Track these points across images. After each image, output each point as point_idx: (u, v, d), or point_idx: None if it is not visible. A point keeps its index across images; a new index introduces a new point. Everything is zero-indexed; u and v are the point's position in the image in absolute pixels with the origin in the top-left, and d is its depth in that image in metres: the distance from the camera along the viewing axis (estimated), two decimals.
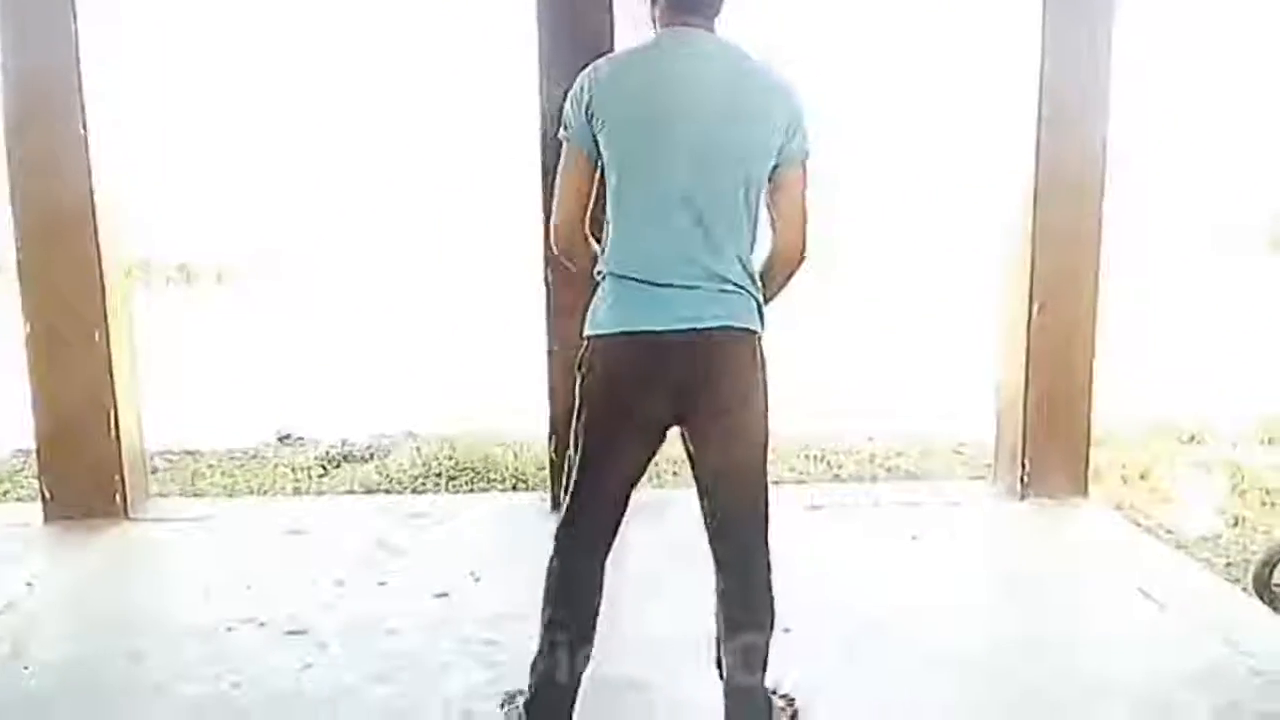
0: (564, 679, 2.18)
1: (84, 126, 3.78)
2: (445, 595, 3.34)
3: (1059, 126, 3.95)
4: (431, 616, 3.20)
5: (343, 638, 3.05)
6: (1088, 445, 4.14)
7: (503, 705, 2.53)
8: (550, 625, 2.18)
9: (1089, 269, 4.04)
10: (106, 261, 3.88)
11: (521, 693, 2.29)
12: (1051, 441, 4.10)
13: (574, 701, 2.21)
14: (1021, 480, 4.13)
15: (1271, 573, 3.61)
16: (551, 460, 4.05)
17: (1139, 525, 4.48)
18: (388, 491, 5.48)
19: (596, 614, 2.20)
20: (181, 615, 3.22)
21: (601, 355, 2.10)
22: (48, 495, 3.95)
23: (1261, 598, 3.54)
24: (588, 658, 2.20)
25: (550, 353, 3.95)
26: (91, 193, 3.82)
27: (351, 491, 5.49)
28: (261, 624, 3.13)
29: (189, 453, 6.31)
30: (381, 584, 3.47)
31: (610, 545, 2.21)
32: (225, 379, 7.91)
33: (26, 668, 2.88)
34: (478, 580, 3.44)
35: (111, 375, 3.87)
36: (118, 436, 3.91)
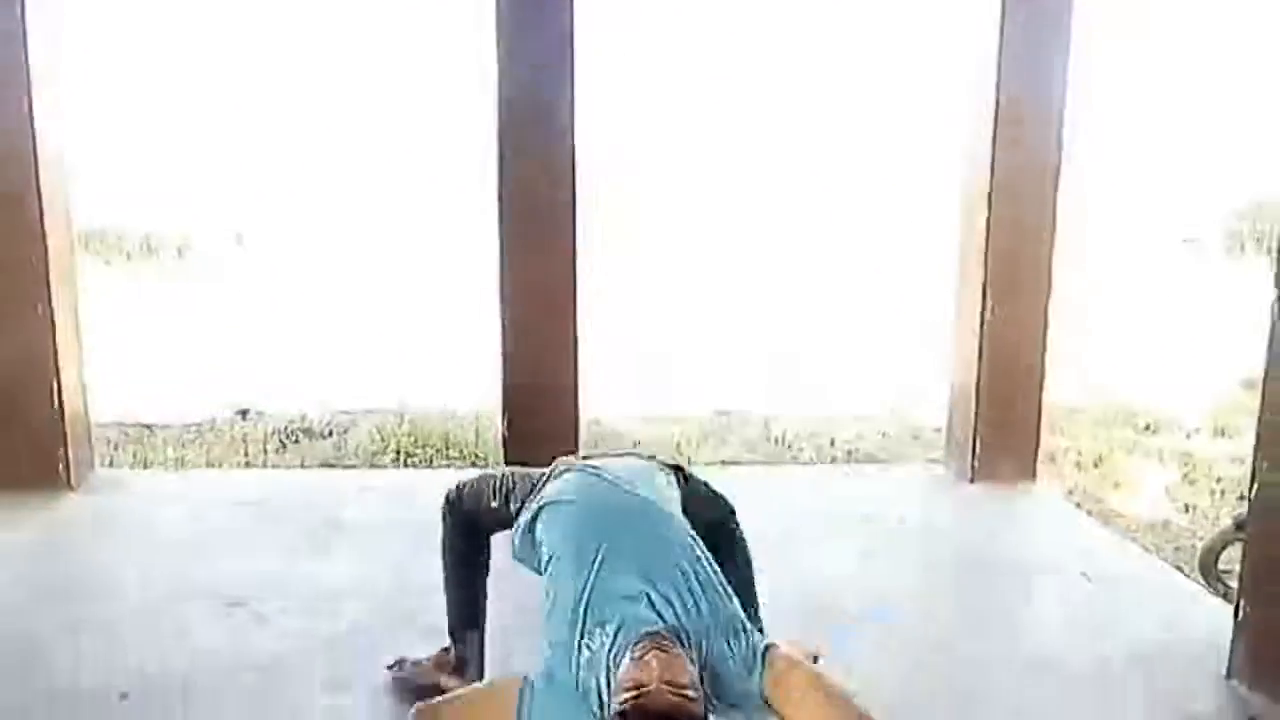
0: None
1: (29, 97, 3.71)
2: (395, 567, 3.34)
3: (1014, 122, 3.98)
4: (379, 590, 3.19)
5: (284, 611, 3.03)
6: (1038, 432, 4.19)
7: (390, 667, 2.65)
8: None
9: (1043, 261, 4.08)
10: (50, 231, 3.82)
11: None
12: (1003, 428, 4.15)
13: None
14: (972, 465, 4.18)
15: (1217, 559, 3.68)
16: (504, 435, 4.04)
17: (1088, 511, 4.55)
18: (347, 468, 5.46)
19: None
20: (123, 586, 3.20)
21: None
22: None
23: (1207, 583, 3.60)
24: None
25: (504, 324, 3.95)
26: (35, 161, 3.76)
27: (307, 467, 5.46)
28: (204, 596, 3.11)
29: (144, 426, 6.24)
30: (326, 555, 3.46)
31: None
32: (184, 353, 7.82)
33: None
34: (426, 555, 3.42)
35: (55, 345, 3.81)
36: (61, 407, 3.86)
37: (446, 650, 2.60)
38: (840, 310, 9.19)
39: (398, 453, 5.77)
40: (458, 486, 2.53)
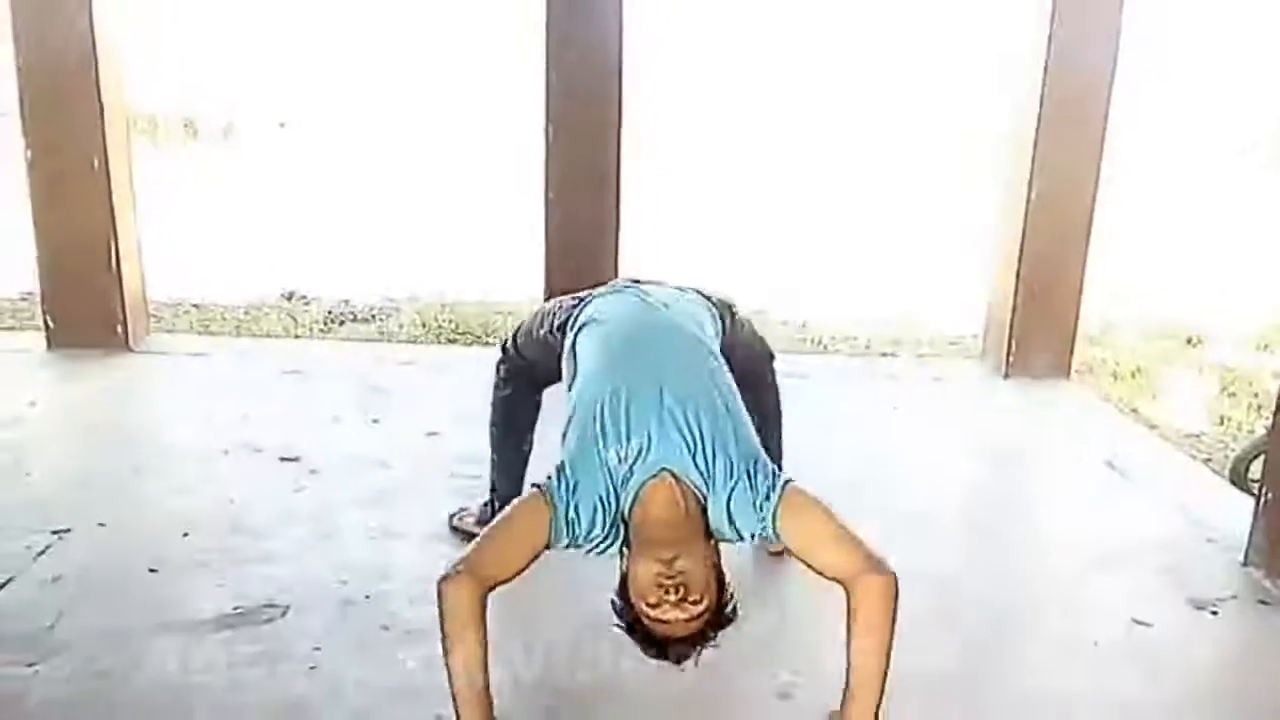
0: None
1: None
2: (435, 434, 3.47)
3: (1068, 33, 3.93)
4: (420, 452, 3.33)
5: (334, 467, 3.18)
6: (1075, 327, 4.21)
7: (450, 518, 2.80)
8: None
9: (1090, 167, 4.05)
10: (107, 99, 3.93)
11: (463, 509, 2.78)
12: (1040, 322, 4.17)
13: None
14: (1007, 359, 4.21)
15: (1249, 467, 3.71)
16: None
17: (1119, 411, 4.57)
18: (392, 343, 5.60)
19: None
20: (180, 438, 3.37)
21: None
22: (49, 324, 4.06)
23: (1237, 488, 3.64)
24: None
25: (548, 201, 4.01)
26: (92, 31, 3.86)
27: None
28: (257, 450, 3.27)
29: (195, 305, 6.41)
30: (374, 421, 3.60)
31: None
32: (232, 236, 7.95)
33: (28, 474, 3.02)
34: (467, 421, 3.55)
35: (112, 209, 3.94)
36: (118, 268, 4.01)
37: (487, 505, 2.72)
38: (883, 219, 9.10)
39: (439, 337, 5.89)
40: (513, 331, 2.57)
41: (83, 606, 2.32)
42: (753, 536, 1.94)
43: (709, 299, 2.41)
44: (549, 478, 1.94)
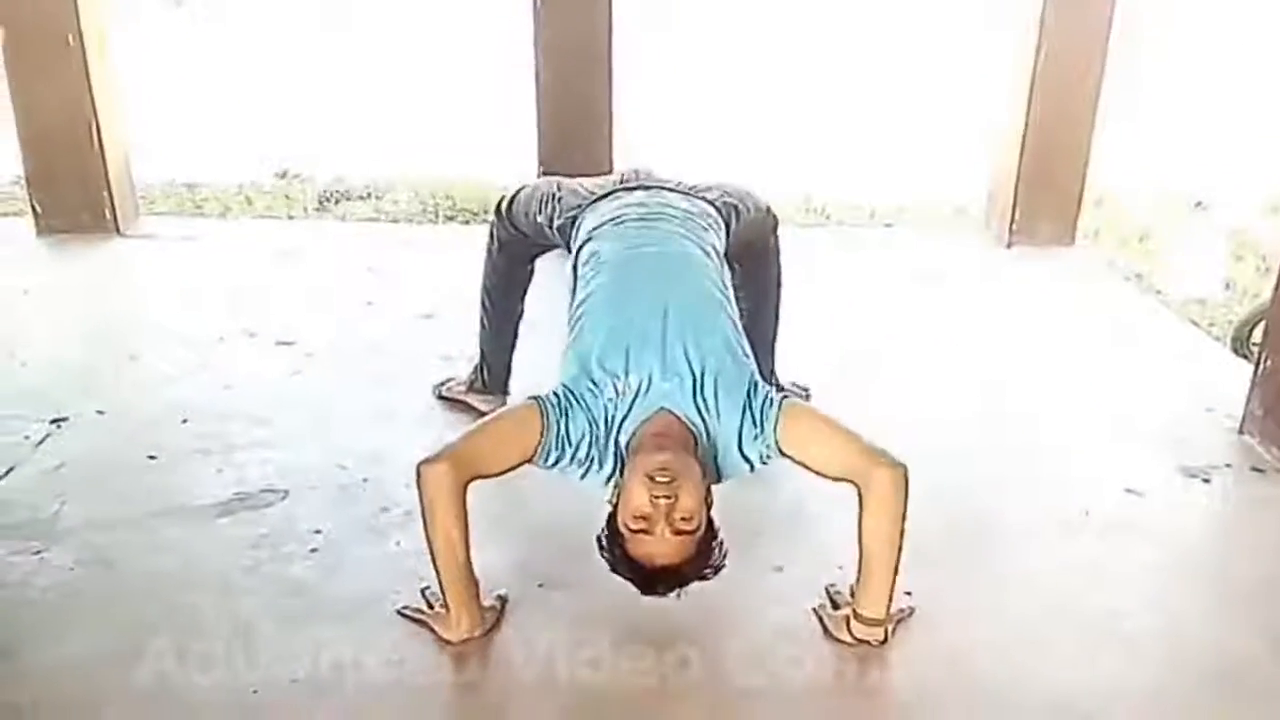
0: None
1: None
2: (430, 316, 3.45)
3: None
4: (416, 334, 3.32)
5: (330, 350, 3.18)
6: (1080, 194, 4.13)
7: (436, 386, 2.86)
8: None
9: (1101, 17, 3.89)
10: None
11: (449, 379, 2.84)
12: (1045, 189, 4.09)
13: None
14: (1011, 227, 4.15)
15: (1251, 332, 3.68)
16: None
17: (1124, 277, 4.52)
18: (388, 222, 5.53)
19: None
20: (174, 324, 3.35)
21: None
22: (37, 209, 4.00)
23: (1238, 354, 3.63)
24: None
25: (538, 78, 3.89)
26: None
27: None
28: (252, 334, 3.26)
29: (186, 186, 6.30)
30: (370, 304, 3.57)
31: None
32: (222, 111, 7.77)
33: (23, 364, 3.02)
34: (462, 301, 3.52)
35: (90, 87, 3.82)
36: (102, 150, 3.92)
37: (475, 371, 2.75)
38: (887, 86, 8.84)
39: (436, 215, 5.81)
40: (509, 197, 2.51)
41: (84, 494, 2.35)
42: (760, 460, 1.95)
43: (714, 202, 2.34)
44: (548, 394, 1.94)
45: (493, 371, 2.72)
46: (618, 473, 1.90)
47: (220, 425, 2.67)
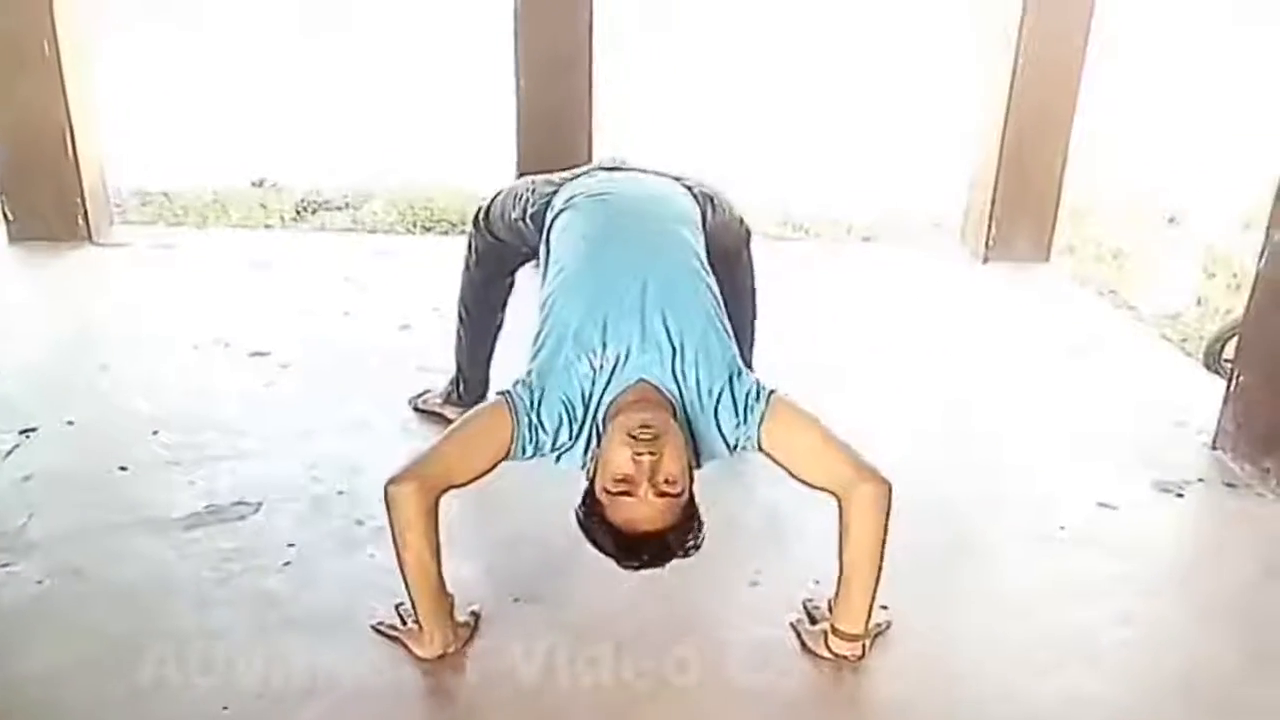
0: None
1: None
2: (407, 327, 3.44)
3: None
4: (392, 345, 3.30)
5: (306, 361, 3.15)
6: (1056, 210, 4.18)
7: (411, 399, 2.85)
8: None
9: (1079, 32, 3.94)
10: None
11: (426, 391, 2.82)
12: (1021, 204, 4.14)
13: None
14: (987, 243, 4.18)
15: (1223, 348, 3.73)
16: None
17: (1098, 293, 4.57)
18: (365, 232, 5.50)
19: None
20: (147, 333, 3.32)
21: None
22: (9, 217, 3.96)
23: (1211, 370, 3.67)
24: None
25: (518, 87, 3.89)
26: None
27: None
28: (226, 345, 3.23)
29: (162, 194, 6.26)
30: (346, 314, 3.55)
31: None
32: (198, 120, 7.72)
33: None
34: (439, 313, 3.51)
35: (65, 96, 3.79)
36: (76, 158, 3.88)
37: (451, 384, 2.74)
38: (863, 101, 8.91)
39: (414, 225, 5.79)
40: (486, 204, 2.47)
41: (54, 506, 2.31)
42: (737, 445, 1.89)
43: (690, 188, 2.30)
44: (514, 386, 1.88)
45: (469, 384, 2.71)
46: (594, 448, 1.84)
47: (192, 436, 2.64)
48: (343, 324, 3.47)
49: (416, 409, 2.81)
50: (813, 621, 1.98)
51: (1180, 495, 2.60)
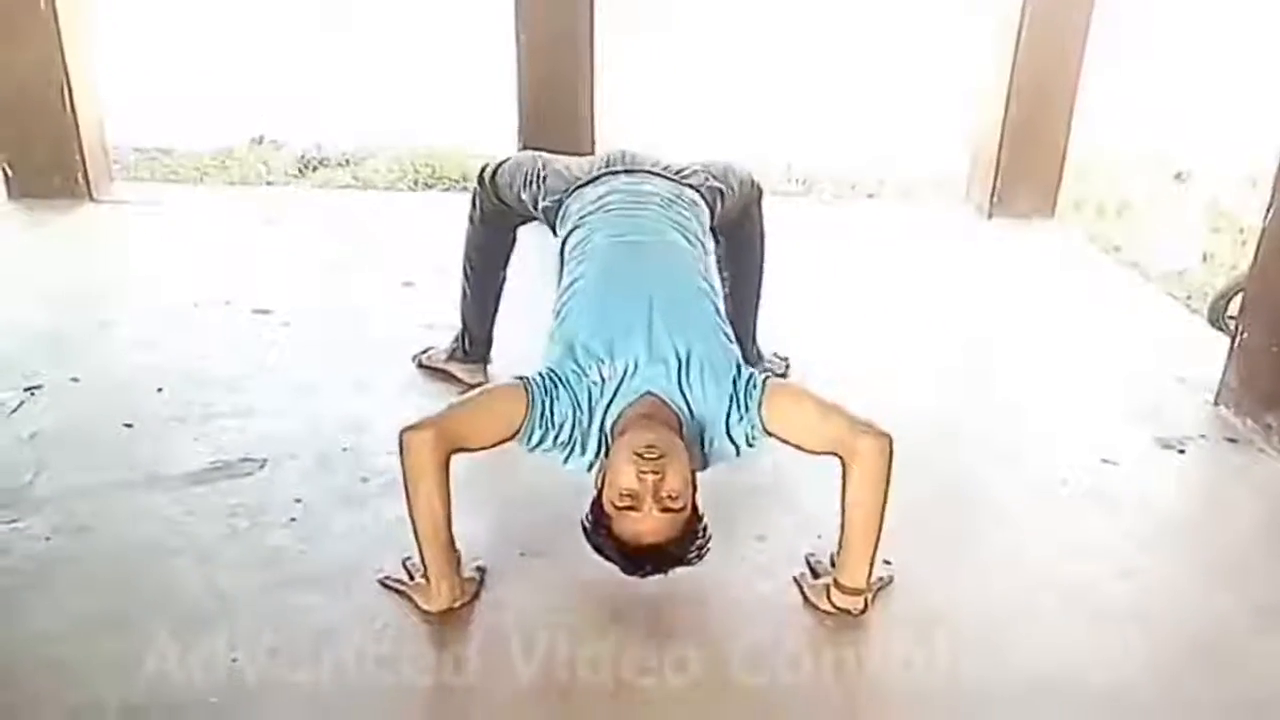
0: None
1: None
2: (410, 284, 3.42)
3: None
4: (395, 302, 3.29)
5: (308, 318, 3.15)
6: (1062, 166, 4.14)
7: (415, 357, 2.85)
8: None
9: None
10: None
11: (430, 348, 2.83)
12: (1026, 160, 4.11)
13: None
14: (991, 199, 4.16)
15: (1227, 304, 3.71)
16: None
17: (1103, 250, 4.54)
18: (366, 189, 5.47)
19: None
20: (148, 291, 3.31)
21: None
22: (7, 173, 3.94)
23: (1215, 326, 3.66)
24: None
25: (519, 40, 3.85)
26: None
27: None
28: (228, 303, 3.23)
29: (162, 150, 6.21)
30: (347, 271, 3.54)
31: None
32: (198, 75, 7.64)
33: None
34: (442, 270, 3.49)
35: (62, 50, 3.75)
36: (74, 114, 3.85)
37: (457, 340, 2.74)
38: (867, 55, 8.80)
39: (416, 183, 5.76)
40: (493, 167, 2.50)
41: (59, 463, 2.32)
42: (747, 442, 1.96)
43: (699, 188, 2.35)
44: (533, 376, 1.95)
45: (474, 340, 2.71)
46: (602, 456, 1.91)
47: (196, 394, 2.65)
48: (345, 281, 3.46)
49: (421, 365, 2.82)
50: (815, 576, 2.00)
51: (1182, 451, 2.60)
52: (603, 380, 1.94)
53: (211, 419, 2.53)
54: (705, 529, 1.86)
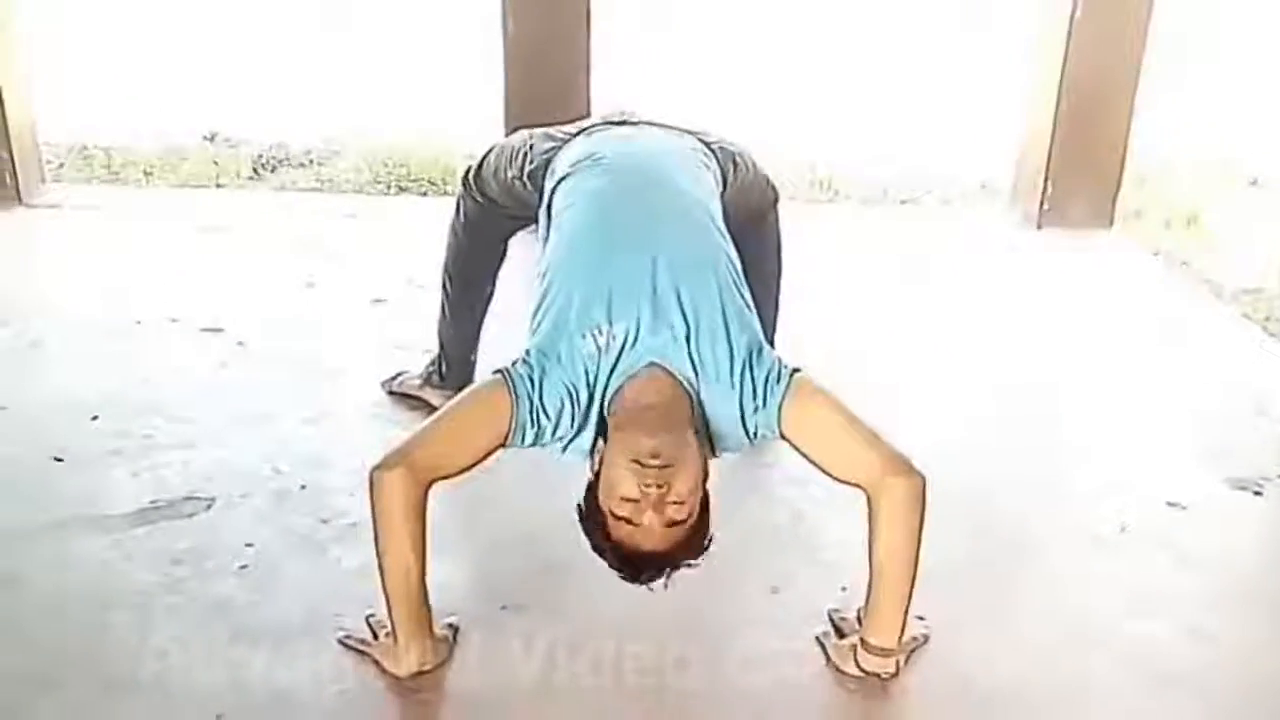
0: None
1: None
2: (381, 301, 3.44)
3: None
4: (363, 321, 3.31)
5: (264, 338, 3.16)
6: (1121, 169, 4.16)
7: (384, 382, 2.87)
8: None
9: None
10: None
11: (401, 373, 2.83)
12: (1080, 163, 4.12)
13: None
14: (1041, 207, 4.18)
15: None
16: None
17: (1168, 264, 4.55)
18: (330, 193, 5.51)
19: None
20: (85, 307, 3.33)
21: None
22: None
23: None
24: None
25: (505, 33, 3.88)
26: None
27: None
28: (174, 319, 3.25)
29: (101, 149, 6.25)
30: (310, 285, 3.56)
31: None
32: (144, 67, 7.71)
33: None
34: (417, 285, 3.52)
35: None
36: (3, 111, 3.89)
37: (432, 364, 2.75)
38: (903, 47, 8.87)
39: (388, 185, 5.79)
40: (478, 161, 2.48)
41: None
42: (756, 433, 1.90)
43: (708, 146, 2.29)
44: (514, 364, 1.88)
45: (452, 365, 2.71)
46: (601, 437, 1.84)
47: (137, 423, 2.65)
48: (306, 297, 3.48)
49: (391, 392, 2.82)
50: (840, 635, 1.99)
51: (1259, 493, 2.60)
52: (599, 351, 1.85)
53: (153, 451, 2.53)
54: (708, 533, 1.80)
